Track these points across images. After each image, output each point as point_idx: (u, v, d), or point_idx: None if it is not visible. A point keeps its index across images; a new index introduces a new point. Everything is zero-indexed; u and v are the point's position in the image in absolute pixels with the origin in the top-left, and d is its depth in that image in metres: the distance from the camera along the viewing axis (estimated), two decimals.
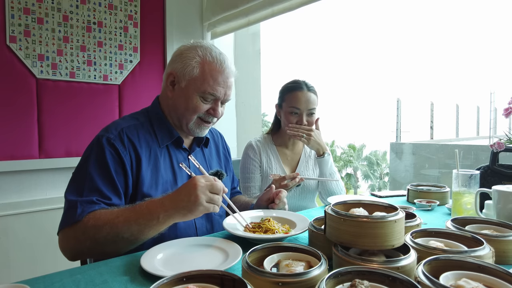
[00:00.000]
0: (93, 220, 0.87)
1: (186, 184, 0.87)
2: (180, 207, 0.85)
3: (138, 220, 0.86)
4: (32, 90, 1.91)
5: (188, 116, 1.08)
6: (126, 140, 1.01)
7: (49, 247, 1.97)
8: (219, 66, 1.06)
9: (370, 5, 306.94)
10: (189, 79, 1.06)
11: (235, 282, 0.58)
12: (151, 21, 2.31)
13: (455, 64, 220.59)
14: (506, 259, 0.78)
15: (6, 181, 1.88)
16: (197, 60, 1.06)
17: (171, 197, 0.87)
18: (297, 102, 1.56)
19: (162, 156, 1.08)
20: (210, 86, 1.05)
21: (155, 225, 0.87)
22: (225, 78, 1.07)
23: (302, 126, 1.55)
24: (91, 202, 0.91)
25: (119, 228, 0.86)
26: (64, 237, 0.92)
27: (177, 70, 1.07)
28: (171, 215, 0.86)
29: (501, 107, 1.22)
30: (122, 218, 0.86)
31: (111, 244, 0.88)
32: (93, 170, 0.96)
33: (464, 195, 1.14)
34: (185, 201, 0.84)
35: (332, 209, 0.76)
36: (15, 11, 1.84)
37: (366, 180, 28.11)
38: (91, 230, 0.87)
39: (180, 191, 0.87)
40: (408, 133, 10.50)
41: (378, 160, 27.81)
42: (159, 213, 0.86)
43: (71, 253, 0.93)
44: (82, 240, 0.88)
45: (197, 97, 1.06)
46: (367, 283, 0.55)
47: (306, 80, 1.62)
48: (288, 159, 1.69)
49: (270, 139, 1.70)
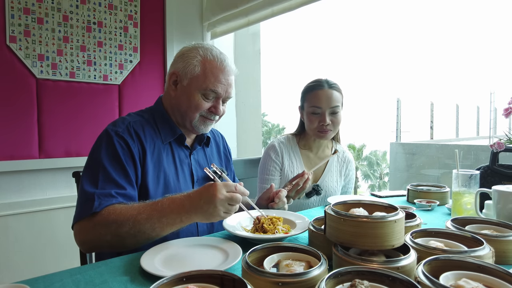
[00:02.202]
0: (114, 215, 0.88)
1: (207, 191, 0.87)
2: (199, 213, 0.88)
3: (161, 219, 0.88)
4: (32, 90, 1.91)
5: (191, 114, 1.10)
6: (133, 133, 1.05)
7: (49, 247, 1.98)
8: (220, 64, 1.09)
9: (370, 5, 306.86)
10: (191, 78, 1.08)
11: (235, 282, 0.58)
12: (151, 21, 2.31)
13: (455, 64, 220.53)
14: (506, 259, 0.78)
15: (6, 181, 1.88)
16: (198, 59, 1.08)
17: (192, 201, 0.88)
18: (318, 101, 1.49)
19: (165, 151, 1.11)
20: (212, 83, 1.07)
21: (178, 223, 0.89)
22: (226, 76, 1.10)
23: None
24: (108, 195, 0.93)
25: (141, 225, 0.87)
26: (82, 230, 0.92)
27: (179, 69, 1.10)
28: (192, 217, 0.89)
29: (501, 107, 1.22)
30: (145, 216, 0.88)
31: (131, 239, 0.89)
32: (106, 161, 0.98)
33: (464, 195, 1.14)
34: (204, 209, 0.86)
35: (332, 209, 0.76)
36: (15, 11, 1.84)
37: (366, 180, 28.11)
38: (113, 225, 0.88)
39: (200, 196, 0.87)
40: (408, 133, 10.49)
41: (378, 160, 27.81)
42: (181, 215, 0.88)
43: (89, 246, 0.95)
44: (103, 234, 0.89)
45: (198, 95, 1.08)
46: (367, 283, 0.56)
47: (329, 78, 1.55)
48: (311, 164, 1.61)
49: (294, 141, 1.63)
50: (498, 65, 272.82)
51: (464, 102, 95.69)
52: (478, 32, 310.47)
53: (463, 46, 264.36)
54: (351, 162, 1.72)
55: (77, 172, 1.25)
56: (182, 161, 1.15)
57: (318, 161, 1.62)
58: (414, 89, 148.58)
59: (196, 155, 1.20)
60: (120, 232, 0.88)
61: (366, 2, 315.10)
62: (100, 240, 0.90)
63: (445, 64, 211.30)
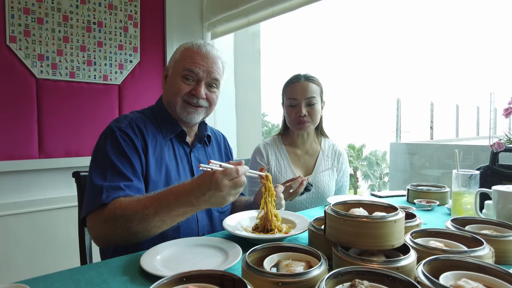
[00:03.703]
0: (121, 210, 0.89)
1: (210, 186, 0.83)
2: (209, 204, 0.88)
3: (170, 212, 0.88)
4: (32, 90, 1.91)
5: (174, 99, 1.13)
6: (136, 128, 1.08)
7: (49, 247, 1.98)
8: (197, 48, 1.14)
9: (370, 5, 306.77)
10: (173, 66, 1.16)
11: (235, 282, 0.58)
12: (151, 21, 2.31)
13: (455, 64, 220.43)
14: (506, 259, 0.78)
15: (6, 181, 1.88)
16: (180, 50, 1.17)
17: (197, 195, 0.85)
18: (294, 92, 1.51)
19: (166, 147, 1.13)
20: (188, 63, 1.12)
21: (189, 212, 0.90)
22: (203, 58, 1.13)
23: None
24: (117, 188, 0.95)
25: (150, 219, 0.88)
26: (94, 225, 0.94)
27: (168, 64, 1.20)
28: (202, 207, 0.89)
29: (501, 107, 1.22)
30: (152, 211, 0.88)
31: (143, 232, 0.90)
32: (112, 155, 1.00)
33: (464, 195, 1.14)
34: (212, 201, 0.86)
35: (332, 209, 0.76)
36: (15, 11, 1.84)
37: (366, 180, 28.13)
38: (121, 219, 0.89)
39: (204, 190, 0.84)
40: (408, 133, 10.48)
41: (378, 160, 27.83)
42: (190, 208, 0.88)
43: (103, 240, 0.96)
44: (114, 228, 0.90)
45: (178, 78, 1.13)
46: (367, 283, 0.56)
47: (308, 72, 1.57)
48: (300, 161, 1.61)
49: (280, 139, 1.65)
50: (498, 65, 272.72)
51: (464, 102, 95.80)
52: (478, 32, 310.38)
53: (463, 46, 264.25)
54: (342, 154, 1.70)
55: (77, 172, 1.25)
56: (182, 157, 1.16)
57: (306, 157, 1.62)
58: (414, 89, 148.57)
59: (196, 152, 1.21)
60: (130, 227, 0.89)
61: (366, 2, 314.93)
62: (112, 233, 0.91)
63: (445, 64, 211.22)
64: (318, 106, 1.54)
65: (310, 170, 1.60)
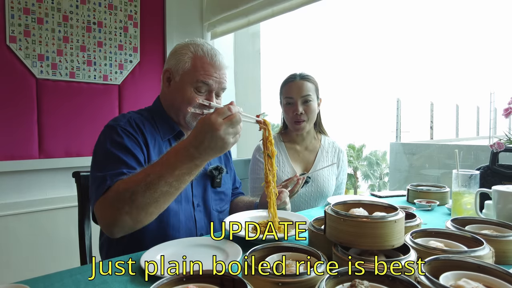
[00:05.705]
0: (123, 184, 0.87)
1: (205, 129, 0.81)
2: (211, 153, 0.84)
3: (174, 172, 0.84)
4: (32, 90, 1.91)
5: (184, 109, 1.11)
6: (135, 126, 1.08)
7: (49, 247, 1.98)
8: (209, 58, 1.12)
9: (370, 5, 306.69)
10: (182, 73, 1.11)
11: (235, 282, 0.58)
12: (151, 21, 2.31)
13: (455, 64, 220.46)
14: (506, 259, 0.78)
15: (6, 181, 1.88)
16: (189, 56, 1.12)
17: (197, 147, 0.83)
18: (290, 91, 1.56)
19: (165, 146, 1.13)
20: (202, 75, 1.10)
21: (194, 169, 0.86)
22: (216, 70, 1.12)
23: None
24: (119, 173, 0.93)
25: (155, 184, 0.84)
26: (102, 210, 0.90)
27: (171, 66, 1.14)
28: (205, 158, 0.85)
29: (501, 107, 1.22)
30: (155, 175, 0.84)
31: (152, 204, 0.86)
32: (113, 149, 0.99)
33: (464, 195, 1.14)
34: (212, 146, 0.82)
35: (332, 209, 0.76)
36: (15, 11, 1.84)
37: (366, 180, 28.12)
38: (126, 193, 0.85)
39: (201, 137, 0.82)
40: (408, 133, 10.48)
41: (378, 160, 27.82)
42: (193, 162, 0.84)
43: (113, 228, 0.90)
44: (121, 207, 0.86)
45: (191, 89, 1.10)
46: (367, 283, 0.56)
47: (304, 71, 1.60)
48: (299, 156, 1.65)
49: (279, 137, 1.68)
50: (498, 65, 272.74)
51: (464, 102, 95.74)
52: (478, 32, 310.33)
53: (463, 46, 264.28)
54: (342, 152, 1.74)
55: (77, 172, 1.25)
56: None
57: (306, 153, 1.66)
58: (414, 89, 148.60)
59: None
60: (136, 199, 0.84)
61: (366, 2, 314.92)
62: (120, 214, 0.86)
63: (445, 64, 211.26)
64: (314, 104, 1.58)
65: (310, 166, 1.63)
